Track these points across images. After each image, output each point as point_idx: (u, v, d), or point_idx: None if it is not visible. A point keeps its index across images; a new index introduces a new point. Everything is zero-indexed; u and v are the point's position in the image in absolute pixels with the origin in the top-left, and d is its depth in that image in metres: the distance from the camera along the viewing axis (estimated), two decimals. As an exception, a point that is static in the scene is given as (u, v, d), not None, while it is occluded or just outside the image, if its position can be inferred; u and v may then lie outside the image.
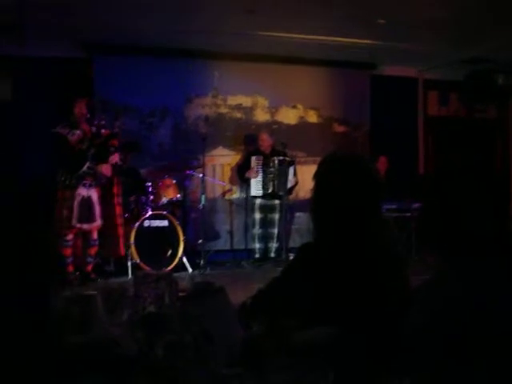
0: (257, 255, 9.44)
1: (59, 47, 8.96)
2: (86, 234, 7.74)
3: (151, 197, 8.37)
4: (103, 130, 7.72)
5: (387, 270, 2.36)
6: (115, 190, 8.04)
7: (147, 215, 8.23)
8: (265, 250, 9.50)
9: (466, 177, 2.11)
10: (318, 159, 2.63)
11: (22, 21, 7.76)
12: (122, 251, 8.09)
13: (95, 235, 7.78)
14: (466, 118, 11.40)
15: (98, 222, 7.70)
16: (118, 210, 8.06)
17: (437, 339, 1.85)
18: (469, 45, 9.20)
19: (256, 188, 9.29)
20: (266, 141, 9.42)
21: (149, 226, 8.24)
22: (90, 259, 7.79)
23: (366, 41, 9.25)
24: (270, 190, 9.25)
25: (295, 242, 9.72)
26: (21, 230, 2.02)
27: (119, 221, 8.08)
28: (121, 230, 8.08)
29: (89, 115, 7.67)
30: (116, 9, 7.67)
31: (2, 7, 7.29)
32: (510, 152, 12.06)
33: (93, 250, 7.80)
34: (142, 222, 8.17)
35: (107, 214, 7.91)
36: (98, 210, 7.66)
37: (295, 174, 9.41)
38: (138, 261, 7.97)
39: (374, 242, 2.40)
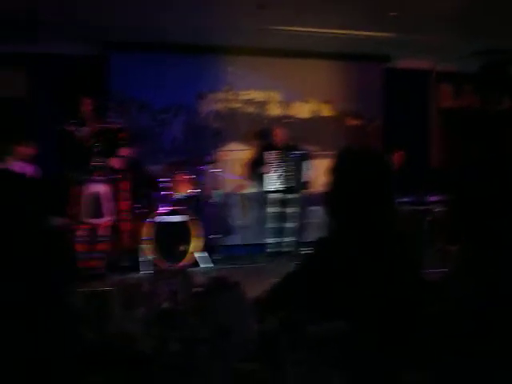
0: (271, 249, 9.44)
1: (73, 44, 9.00)
2: (93, 230, 7.78)
3: (165, 192, 8.38)
4: (111, 125, 7.78)
5: (402, 264, 2.36)
6: (123, 185, 8.05)
7: (161, 211, 8.24)
8: (279, 245, 9.50)
9: (490, 171, 2.11)
10: (332, 153, 2.63)
11: (37, 18, 7.81)
12: (126, 246, 8.11)
13: (102, 231, 7.83)
14: (479, 110, 11.33)
15: (106, 218, 7.74)
16: (124, 205, 8.07)
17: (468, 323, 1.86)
18: (482, 36, 9.13)
19: (271, 183, 9.28)
20: (280, 135, 9.41)
21: (163, 222, 8.26)
22: (96, 255, 7.81)
23: (378, 33, 9.21)
24: (285, 185, 9.24)
25: (309, 236, 9.71)
26: (38, 228, 2.03)
27: (124, 216, 8.09)
28: (125, 226, 8.09)
29: (95, 112, 7.73)
30: (131, 6, 7.69)
31: (19, 4, 7.33)
32: (525, 144, 11.99)
33: (100, 246, 7.84)
34: (156, 217, 8.19)
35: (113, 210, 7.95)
36: (106, 205, 7.71)
37: (310, 167, 9.40)
38: (153, 256, 7.99)
39: (388, 236, 2.40)
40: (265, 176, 9.27)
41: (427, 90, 11.34)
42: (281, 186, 9.26)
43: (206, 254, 8.63)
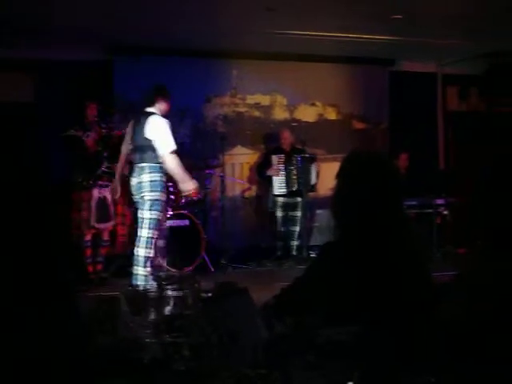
0: (278, 253, 9.44)
1: (80, 49, 9.00)
2: (98, 234, 7.85)
3: (171, 196, 8.39)
4: (115, 131, 7.81)
5: (410, 267, 2.36)
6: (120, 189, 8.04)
7: (168, 215, 8.24)
8: (286, 248, 9.50)
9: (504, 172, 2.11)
10: (338, 156, 2.64)
11: (45, 24, 7.84)
12: (120, 250, 8.12)
13: (106, 235, 7.91)
14: (485, 112, 11.32)
15: (112, 222, 7.81)
16: (120, 209, 8.07)
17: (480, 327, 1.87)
18: (487, 38, 9.12)
19: (279, 186, 9.28)
20: (287, 138, 9.43)
21: (169, 226, 8.26)
22: (100, 259, 7.89)
23: (384, 37, 9.21)
24: (293, 188, 9.24)
25: (316, 239, 9.71)
26: (44, 232, 2.03)
27: (120, 220, 8.10)
28: (121, 230, 8.10)
29: (98, 118, 7.76)
30: (137, 11, 7.71)
31: (27, 10, 7.36)
32: (532, 146, 11.97)
33: (104, 250, 7.92)
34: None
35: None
36: (112, 209, 7.78)
37: (317, 169, 9.40)
38: (160, 261, 8.00)
39: (397, 240, 2.39)
40: (272, 179, 9.28)
41: (433, 93, 11.33)
42: (288, 190, 9.26)
43: (213, 259, 8.62)
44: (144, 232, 6.22)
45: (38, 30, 8.06)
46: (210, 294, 2.19)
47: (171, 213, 8.27)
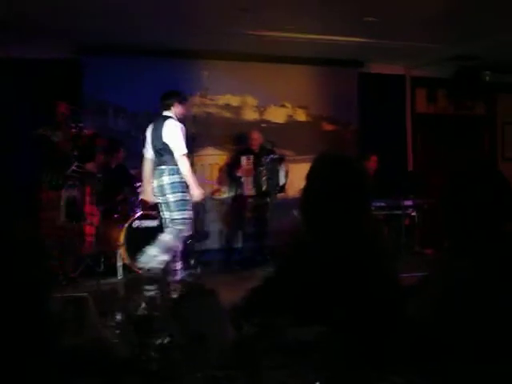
0: (247, 254, 9.43)
1: (47, 48, 8.90)
2: (66, 234, 7.74)
3: (141, 197, 8.34)
4: (86, 131, 7.75)
5: (377, 268, 2.37)
6: (88, 189, 7.97)
7: (137, 215, 8.20)
8: (255, 249, 9.50)
9: (479, 178, 2.14)
10: (307, 158, 2.65)
11: (7, 21, 7.74)
12: (88, 250, 8.05)
13: (75, 235, 7.81)
14: (453, 115, 11.44)
15: (82, 222, 7.74)
16: (89, 208, 7.98)
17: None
18: (456, 42, 9.23)
19: (249, 187, 9.27)
20: (257, 139, 9.43)
21: (138, 227, 8.21)
22: (70, 259, 7.78)
23: (354, 39, 9.25)
24: (263, 189, 9.23)
25: (284, 240, 9.71)
26: (9, 233, 2.01)
27: (89, 219, 8.01)
28: (89, 229, 8.02)
29: (69, 117, 7.69)
30: (105, 10, 7.64)
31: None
32: (497, 149, 12.12)
33: (72, 250, 7.80)
34: (132, 222, 8.14)
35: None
36: (82, 209, 7.72)
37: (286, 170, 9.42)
38: (128, 262, 7.94)
39: (363, 240, 2.41)
40: (243, 181, 9.27)
41: (402, 95, 11.41)
42: (257, 191, 9.26)
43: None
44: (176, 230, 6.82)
45: (2, 28, 7.94)
46: (178, 296, 2.18)
47: (140, 213, 8.23)
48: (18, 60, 8.86)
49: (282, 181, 9.32)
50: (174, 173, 6.77)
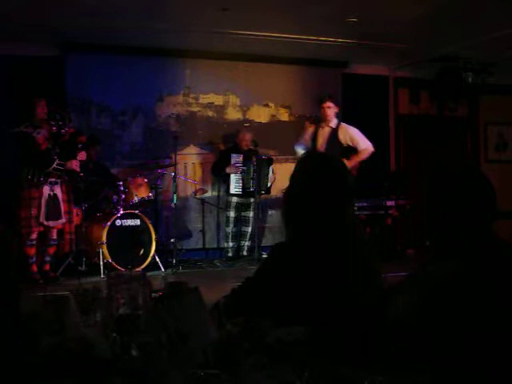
0: (229, 254, 9.45)
1: (29, 45, 8.85)
2: (45, 233, 7.70)
3: (123, 196, 8.32)
4: (66, 129, 7.68)
5: (358, 268, 2.38)
6: (63, 187, 7.88)
7: (119, 214, 8.17)
8: (237, 249, 9.52)
9: (463, 180, 2.15)
10: (290, 157, 2.66)
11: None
12: (67, 249, 7.99)
13: (55, 234, 7.76)
14: (436, 116, 11.49)
15: (63, 220, 7.67)
16: (65, 207, 7.89)
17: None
18: (439, 43, 9.27)
19: (235, 186, 9.27)
20: (248, 140, 9.44)
21: (120, 225, 8.19)
22: (48, 258, 7.77)
23: (337, 39, 9.28)
24: (250, 189, 9.23)
25: (267, 240, 9.74)
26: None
27: (65, 218, 7.93)
28: (68, 228, 7.94)
29: (51, 114, 7.62)
30: (88, 7, 7.61)
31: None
32: (480, 150, 12.19)
33: (52, 250, 7.79)
34: (114, 221, 8.11)
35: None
36: (63, 207, 7.65)
37: (273, 171, 9.45)
38: (110, 260, 7.92)
39: (345, 240, 2.42)
40: (227, 179, 9.29)
41: (385, 96, 11.45)
42: (244, 190, 9.27)
43: (163, 258, 8.58)
44: None
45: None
46: (160, 294, 2.18)
47: (122, 212, 8.20)
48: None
49: (269, 182, 9.35)
50: None
